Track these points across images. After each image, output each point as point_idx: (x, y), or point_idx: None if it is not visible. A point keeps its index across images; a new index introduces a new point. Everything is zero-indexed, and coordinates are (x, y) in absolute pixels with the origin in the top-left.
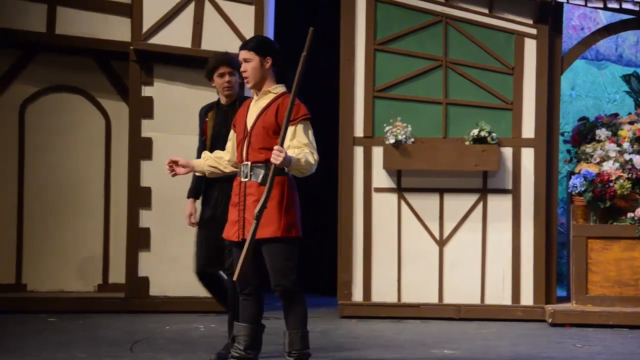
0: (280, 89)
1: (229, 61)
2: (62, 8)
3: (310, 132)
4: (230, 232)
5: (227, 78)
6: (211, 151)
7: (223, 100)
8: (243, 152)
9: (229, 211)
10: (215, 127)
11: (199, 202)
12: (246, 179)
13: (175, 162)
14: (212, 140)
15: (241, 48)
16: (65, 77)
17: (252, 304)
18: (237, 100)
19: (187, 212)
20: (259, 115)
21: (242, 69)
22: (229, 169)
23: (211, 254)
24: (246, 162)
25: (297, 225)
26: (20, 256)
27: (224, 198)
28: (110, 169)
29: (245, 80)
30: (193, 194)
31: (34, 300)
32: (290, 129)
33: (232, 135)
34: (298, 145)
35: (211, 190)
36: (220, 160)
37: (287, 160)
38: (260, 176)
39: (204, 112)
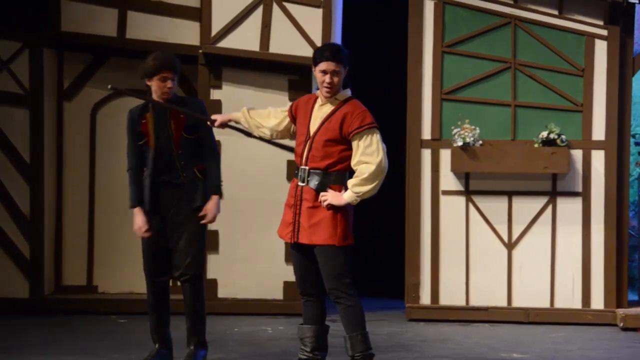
0: (344, 94)
1: (174, 65)
2: (132, 12)
3: (377, 139)
4: (284, 232)
5: (169, 84)
6: (156, 154)
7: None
8: (303, 155)
9: (284, 210)
10: (155, 130)
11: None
12: (303, 184)
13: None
14: (155, 141)
15: (329, 59)
16: (136, 80)
17: (314, 305)
18: (173, 102)
19: (138, 224)
20: (323, 122)
21: (328, 81)
22: (268, 134)
23: (160, 263)
24: (305, 167)
25: (351, 233)
26: (91, 258)
27: (173, 205)
28: None
29: (327, 92)
30: (137, 202)
31: (105, 301)
32: (353, 143)
33: (286, 116)
34: (362, 160)
35: (157, 197)
36: (265, 121)
37: (341, 201)
38: (317, 183)
39: (138, 114)
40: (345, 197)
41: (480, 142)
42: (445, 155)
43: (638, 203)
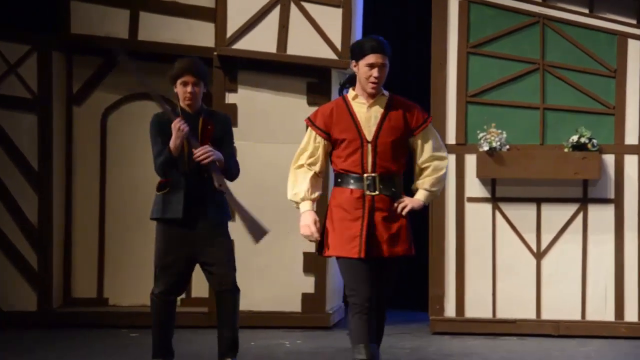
0: (384, 91)
1: (195, 70)
2: (144, 13)
3: (437, 135)
4: (344, 248)
5: (189, 88)
6: (188, 163)
7: (187, 109)
8: (366, 163)
9: (336, 225)
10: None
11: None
12: (374, 192)
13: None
14: (188, 150)
15: (377, 51)
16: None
17: (371, 321)
18: (202, 112)
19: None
20: (382, 123)
21: (376, 75)
22: (321, 188)
23: (183, 281)
24: (372, 174)
25: None
26: (101, 270)
27: (204, 216)
28: None
29: (374, 87)
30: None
31: (116, 314)
32: (416, 141)
33: (318, 144)
34: (436, 155)
35: (190, 209)
36: (318, 184)
37: (420, 203)
38: (393, 190)
39: (166, 120)
40: (422, 198)
41: (507, 146)
42: (471, 160)
43: None
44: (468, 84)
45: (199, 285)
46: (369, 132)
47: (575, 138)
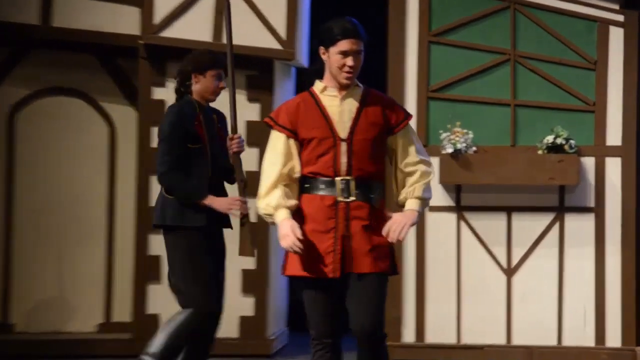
0: (357, 81)
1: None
2: None
3: (418, 137)
4: (315, 266)
5: (222, 83)
6: (213, 163)
7: (203, 102)
8: (339, 164)
9: (305, 239)
10: (209, 132)
11: None
12: (350, 199)
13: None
14: (211, 149)
15: (351, 35)
16: (63, 77)
17: (335, 352)
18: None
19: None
20: (357, 118)
21: (351, 64)
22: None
23: (221, 293)
24: (346, 178)
25: None
26: (7, 291)
27: (223, 222)
28: (115, 187)
29: (348, 78)
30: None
31: (24, 343)
32: (397, 141)
33: (289, 150)
34: (422, 159)
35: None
36: (291, 190)
37: (413, 215)
38: (374, 195)
39: (191, 113)
40: (417, 207)
41: (474, 148)
42: (433, 164)
43: None
44: (429, 78)
45: (121, 308)
46: (342, 129)
47: (550, 139)
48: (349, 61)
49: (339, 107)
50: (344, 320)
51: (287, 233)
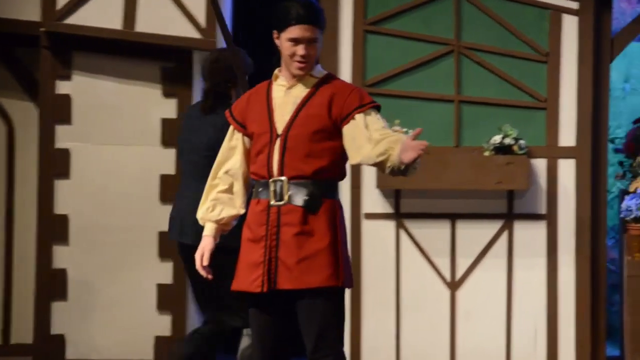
0: (319, 70)
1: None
2: None
3: (385, 123)
4: (247, 280)
5: (302, 51)
6: None
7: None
8: (271, 164)
9: (242, 249)
10: None
11: None
12: (281, 202)
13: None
14: None
15: (303, 21)
16: None
17: None
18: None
19: None
20: (299, 109)
21: (302, 53)
22: (241, 205)
23: None
24: (279, 178)
25: (350, 272)
26: None
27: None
28: (14, 192)
29: (301, 68)
30: None
31: None
32: (347, 134)
33: (234, 143)
34: (382, 134)
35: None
36: (230, 200)
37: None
38: (306, 198)
39: None
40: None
41: None
42: (369, 167)
43: (619, 228)
44: (365, 71)
45: (21, 328)
46: (281, 123)
47: (498, 139)
48: (300, 50)
49: (284, 98)
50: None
51: (198, 254)
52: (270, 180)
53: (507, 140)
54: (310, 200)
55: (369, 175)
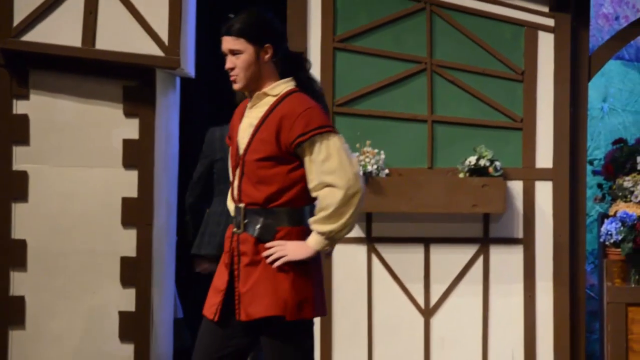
0: (283, 86)
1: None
2: None
3: (338, 147)
4: (207, 304)
5: (227, 63)
6: None
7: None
8: (235, 188)
9: (216, 272)
10: None
11: None
12: (239, 231)
13: None
14: None
15: (223, 33)
16: None
17: None
18: None
19: None
20: (254, 132)
21: (227, 66)
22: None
23: None
24: (240, 205)
25: (317, 301)
26: None
27: None
28: None
29: (232, 81)
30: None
31: None
32: (304, 159)
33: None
34: (323, 181)
35: None
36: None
37: (306, 252)
38: (258, 227)
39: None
40: (311, 244)
41: (386, 171)
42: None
43: (598, 253)
44: (335, 90)
45: None
46: (242, 145)
47: (472, 160)
48: (227, 63)
49: (246, 120)
50: None
51: None
52: (235, 206)
53: (482, 162)
54: (262, 230)
55: None
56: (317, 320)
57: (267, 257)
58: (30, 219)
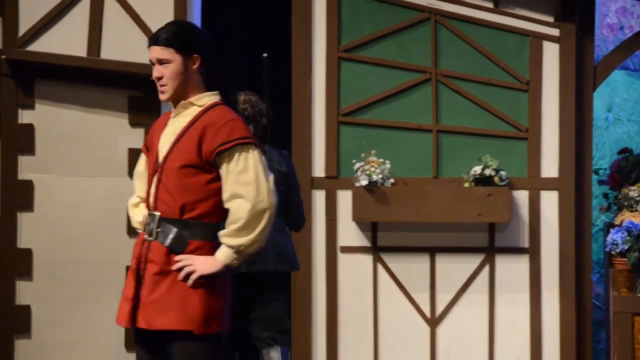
0: (208, 98)
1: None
2: None
3: (256, 161)
4: (120, 312)
5: (153, 72)
6: None
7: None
8: (150, 196)
9: (126, 279)
10: None
11: None
12: (150, 238)
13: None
14: None
15: (152, 43)
16: None
17: None
18: None
19: None
20: (176, 141)
21: (155, 75)
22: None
23: None
24: (154, 212)
25: (224, 314)
26: None
27: None
28: None
29: (160, 91)
30: None
31: None
32: (221, 171)
33: (141, 161)
34: (236, 192)
35: None
36: (137, 209)
37: (215, 266)
38: (172, 237)
39: None
40: (220, 257)
41: (392, 180)
42: (345, 198)
43: (604, 263)
44: (340, 99)
45: None
46: (162, 153)
47: (478, 169)
48: (154, 72)
49: (169, 128)
50: None
51: None
52: (149, 213)
53: (488, 171)
54: (174, 240)
55: (345, 207)
56: (321, 328)
57: (178, 269)
58: (36, 228)
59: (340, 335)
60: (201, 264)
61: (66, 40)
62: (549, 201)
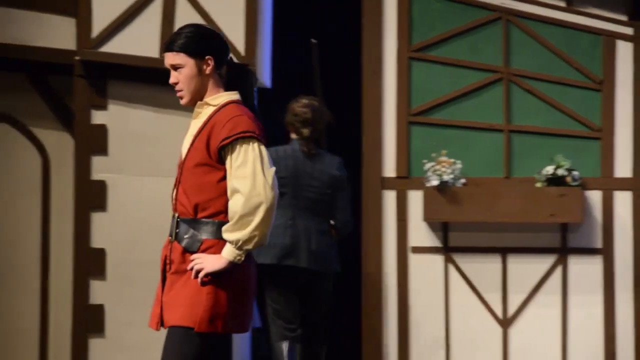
0: (223, 98)
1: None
2: None
3: (255, 155)
4: (150, 316)
5: (170, 79)
6: None
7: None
8: (173, 197)
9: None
10: None
11: None
12: (172, 239)
13: None
14: None
15: (165, 50)
16: None
17: None
18: None
19: None
20: (192, 142)
21: (171, 80)
22: None
23: None
24: (174, 214)
25: (231, 317)
26: None
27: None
28: (49, 225)
29: (178, 96)
30: None
31: None
32: (228, 159)
33: None
34: (235, 187)
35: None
36: None
37: (220, 263)
38: (187, 238)
39: None
40: (225, 254)
41: (463, 180)
42: (416, 198)
43: None
44: (411, 100)
45: None
46: (183, 155)
47: (550, 169)
48: (171, 78)
49: (190, 131)
50: None
51: None
52: (172, 215)
53: (560, 171)
54: (189, 240)
55: (415, 207)
56: (393, 329)
57: (192, 268)
58: (109, 228)
59: (412, 336)
60: (210, 262)
61: (139, 40)
62: (623, 201)
